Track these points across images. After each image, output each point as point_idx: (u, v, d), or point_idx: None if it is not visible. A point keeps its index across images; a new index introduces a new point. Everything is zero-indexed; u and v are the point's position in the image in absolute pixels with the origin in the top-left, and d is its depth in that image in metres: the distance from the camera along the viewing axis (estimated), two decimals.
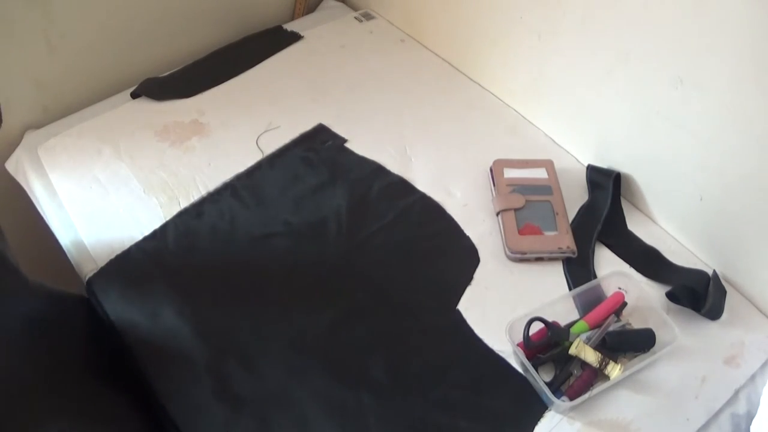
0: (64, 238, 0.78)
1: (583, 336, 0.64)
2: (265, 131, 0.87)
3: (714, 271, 0.71)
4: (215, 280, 0.71)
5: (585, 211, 0.79)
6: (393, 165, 0.84)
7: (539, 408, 0.61)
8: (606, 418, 0.61)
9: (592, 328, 0.65)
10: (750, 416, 0.62)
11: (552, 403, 0.60)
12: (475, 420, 0.60)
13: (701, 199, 0.71)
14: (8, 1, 0.79)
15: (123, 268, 0.72)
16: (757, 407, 0.61)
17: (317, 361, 0.64)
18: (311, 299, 0.69)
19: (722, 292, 0.69)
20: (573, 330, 0.64)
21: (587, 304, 0.68)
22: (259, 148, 0.85)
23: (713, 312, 0.68)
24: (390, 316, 0.68)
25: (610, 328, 0.64)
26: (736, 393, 0.64)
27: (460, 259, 0.74)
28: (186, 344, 0.65)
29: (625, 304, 0.66)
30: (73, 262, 0.76)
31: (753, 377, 0.65)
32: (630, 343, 0.64)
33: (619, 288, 0.68)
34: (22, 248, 0.54)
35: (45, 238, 0.84)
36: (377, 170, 0.84)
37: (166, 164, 0.83)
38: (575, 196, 0.81)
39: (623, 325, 0.66)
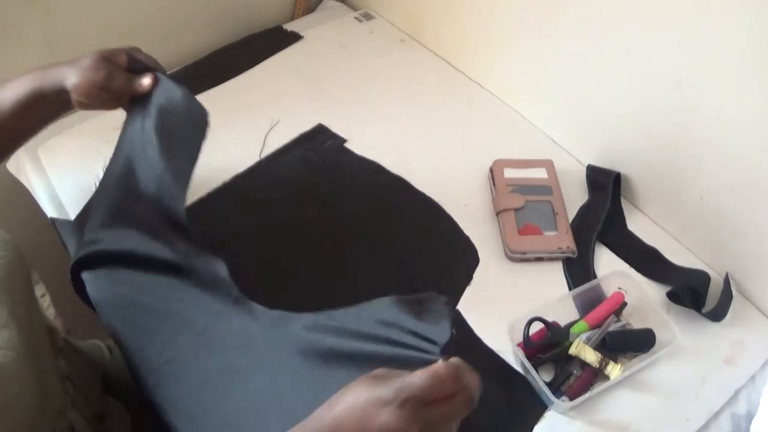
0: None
1: (583, 336, 0.64)
2: (271, 129, 0.87)
3: (727, 274, 0.71)
4: None
5: (585, 211, 0.79)
6: (393, 165, 0.84)
7: (539, 408, 0.61)
8: (606, 418, 0.61)
9: (592, 328, 0.65)
10: (750, 416, 0.62)
11: (552, 403, 0.60)
12: (475, 420, 0.60)
13: (701, 199, 0.71)
14: (8, 0, 0.79)
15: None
16: (757, 407, 0.61)
17: None
18: (310, 299, 0.69)
19: (729, 296, 0.69)
20: (573, 330, 0.64)
21: (587, 304, 0.68)
22: (263, 144, 0.85)
23: (717, 314, 0.68)
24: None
25: (610, 328, 0.64)
26: (736, 393, 0.64)
27: (460, 259, 0.74)
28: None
29: (625, 304, 0.66)
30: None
31: (753, 377, 0.65)
32: (630, 344, 0.64)
33: (619, 288, 0.68)
34: (24, 246, 0.54)
35: (46, 237, 0.84)
36: (377, 170, 0.83)
37: None
38: (575, 196, 0.81)
39: (623, 325, 0.66)
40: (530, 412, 0.61)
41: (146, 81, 0.65)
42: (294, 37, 1.05)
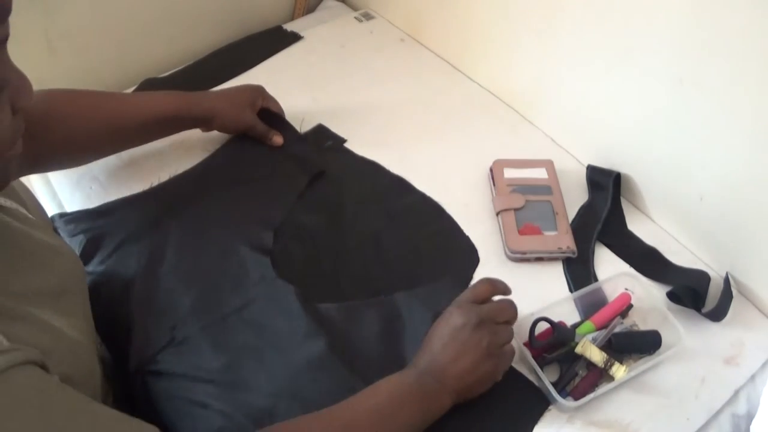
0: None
1: (589, 336, 0.64)
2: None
3: (727, 273, 0.71)
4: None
5: (585, 211, 0.79)
6: (392, 165, 0.84)
7: (539, 408, 0.61)
8: (606, 418, 0.61)
9: (599, 328, 0.65)
10: (750, 416, 0.62)
11: (557, 402, 0.60)
12: (475, 419, 0.60)
13: (701, 199, 0.71)
14: None
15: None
16: (757, 407, 0.61)
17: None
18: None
19: (729, 296, 0.69)
20: (579, 330, 0.64)
21: (589, 306, 0.68)
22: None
23: (717, 314, 0.68)
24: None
25: (617, 330, 0.64)
26: (736, 393, 0.64)
27: (460, 259, 0.74)
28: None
29: (631, 305, 0.66)
30: None
31: (753, 377, 0.65)
32: (636, 345, 0.64)
33: (626, 289, 0.68)
34: None
35: None
36: (377, 170, 0.83)
37: (166, 164, 0.82)
38: (575, 196, 0.81)
39: (630, 327, 0.66)
40: (531, 412, 0.61)
41: (279, 140, 0.82)
42: (294, 37, 1.05)
